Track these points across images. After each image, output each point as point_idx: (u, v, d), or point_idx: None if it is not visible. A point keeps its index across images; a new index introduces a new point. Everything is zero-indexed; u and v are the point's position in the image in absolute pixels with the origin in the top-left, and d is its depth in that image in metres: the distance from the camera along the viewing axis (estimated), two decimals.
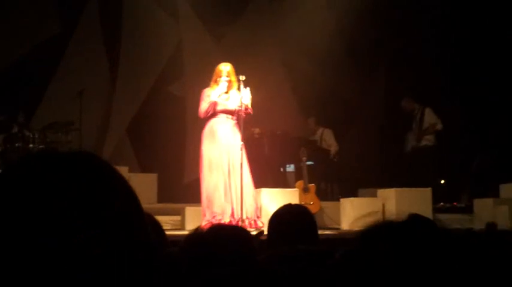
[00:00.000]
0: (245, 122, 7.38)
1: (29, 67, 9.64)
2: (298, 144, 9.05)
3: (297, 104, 11.20)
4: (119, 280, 0.72)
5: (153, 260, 0.79)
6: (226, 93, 6.74)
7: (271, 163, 9.27)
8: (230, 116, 6.74)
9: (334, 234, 6.90)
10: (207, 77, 7.14)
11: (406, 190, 7.77)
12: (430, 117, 9.33)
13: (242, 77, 7.39)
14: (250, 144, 8.62)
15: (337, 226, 8.00)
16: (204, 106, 6.65)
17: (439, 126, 9.24)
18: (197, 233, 1.78)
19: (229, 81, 6.73)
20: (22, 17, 9.60)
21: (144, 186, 8.81)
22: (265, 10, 11.22)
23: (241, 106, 6.59)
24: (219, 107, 6.66)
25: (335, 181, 9.73)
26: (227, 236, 1.71)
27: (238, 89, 6.69)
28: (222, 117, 6.71)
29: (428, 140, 9.31)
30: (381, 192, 8.22)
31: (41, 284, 0.69)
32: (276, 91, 10.66)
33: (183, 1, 10.78)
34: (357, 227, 7.46)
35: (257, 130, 9.09)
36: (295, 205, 2.96)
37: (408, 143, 9.57)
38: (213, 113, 6.66)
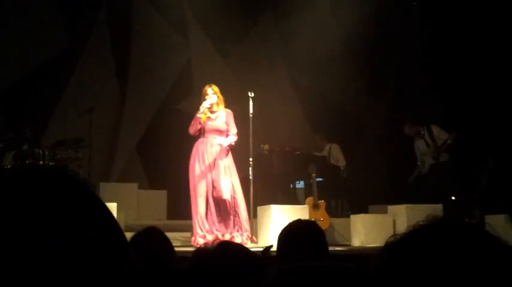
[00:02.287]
0: (254, 139, 7.44)
1: (39, 84, 9.70)
2: (307, 160, 9.03)
3: (305, 120, 11.20)
4: (119, 280, 0.72)
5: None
6: (214, 112, 6.90)
7: (280, 180, 9.25)
8: (218, 135, 6.91)
9: (345, 250, 6.85)
10: None
11: (417, 206, 7.70)
12: (440, 133, 9.32)
13: (251, 94, 7.44)
14: (259, 161, 8.62)
15: (347, 243, 7.95)
16: (191, 123, 6.86)
17: (452, 140, 9.22)
18: (204, 248, 1.77)
19: (216, 99, 6.91)
20: (31, 33, 9.67)
21: (153, 203, 8.81)
22: (272, 28, 11.27)
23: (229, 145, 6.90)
24: (207, 126, 6.85)
25: (345, 198, 9.69)
26: (234, 252, 1.69)
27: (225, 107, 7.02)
28: (209, 136, 6.88)
29: (444, 156, 9.30)
30: (391, 208, 8.16)
31: (41, 284, 0.69)
32: (284, 107, 10.68)
33: (192, 20, 10.85)
34: (368, 243, 7.42)
35: (266, 147, 9.08)
36: (305, 221, 2.95)
37: (424, 164, 9.47)
38: (201, 132, 6.85)
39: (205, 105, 6.82)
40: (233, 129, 6.94)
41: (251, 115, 7.42)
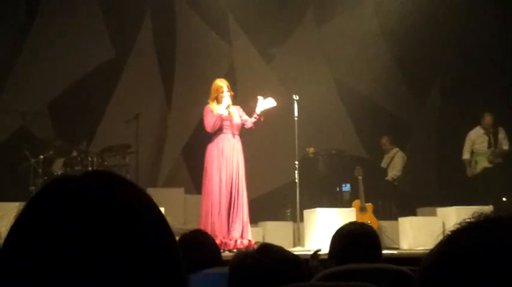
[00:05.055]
0: (299, 142, 7.39)
1: (87, 92, 9.90)
2: (353, 163, 8.95)
3: (351, 123, 11.09)
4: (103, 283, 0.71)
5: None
6: (227, 108, 6.72)
7: (326, 183, 9.19)
8: (235, 132, 6.76)
9: (394, 253, 6.74)
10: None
11: (467, 208, 7.50)
12: (504, 139, 9.03)
13: (295, 97, 7.41)
14: (305, 164, 8.58)
15: (395, 246, 7.83)
16: (211, 120, 6.67)
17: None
18: (246, 252, 1.76)
19: (231, 96, 6.74)
20: (78, 43, 9.88)
21: (200, 207, 8.85)
22: (314, 30, 11.20)
23: (259, 116, 6.70)
24: (225, 123, 6.69)
25: (393, 200, 9.55)
26: (277, 255, 1.68)
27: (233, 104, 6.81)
28: (227, 133, 6.72)
29: (497, 160, 9.04)
30: (440, 210, 8.01)
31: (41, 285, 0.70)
32: (329, 110, 10.60)
33: (235, 24, 10.90)
34: (417, 246, 7.28)
35: (311, 150, 9.04)
36: (360, 223, 2.91)
37: (476, 164, 9.19)
38: (219, 129, 6.68)
39: (228, 102, 6.65)
40: (247, 117, 6.82)
41: (296, 118, 7.40)
